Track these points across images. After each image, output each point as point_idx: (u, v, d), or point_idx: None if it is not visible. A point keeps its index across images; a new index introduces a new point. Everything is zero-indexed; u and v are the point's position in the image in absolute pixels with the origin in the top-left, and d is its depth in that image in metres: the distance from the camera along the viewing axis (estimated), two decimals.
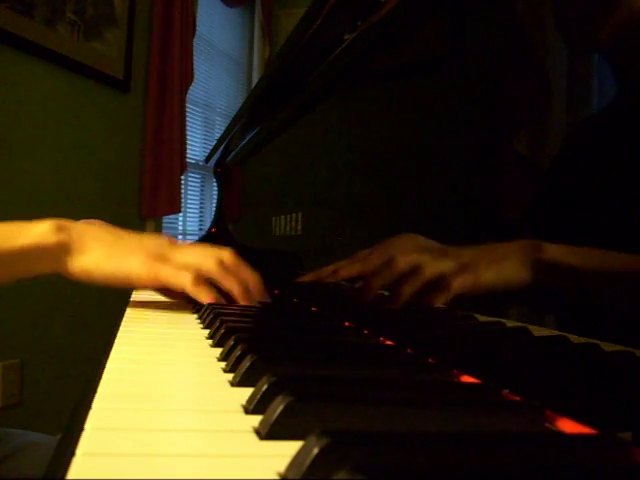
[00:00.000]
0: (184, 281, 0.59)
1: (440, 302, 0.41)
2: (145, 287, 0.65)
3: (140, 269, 0.58)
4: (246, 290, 0.64)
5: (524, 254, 0.33)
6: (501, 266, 0.35)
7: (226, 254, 0.64)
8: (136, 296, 0.83)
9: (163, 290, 0.68)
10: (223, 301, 0.62)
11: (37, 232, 0.57)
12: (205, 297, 0.60)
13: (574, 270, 0.31)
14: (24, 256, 0.57)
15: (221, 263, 0.62)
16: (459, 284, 0.38)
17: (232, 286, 0.63)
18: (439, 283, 0.40)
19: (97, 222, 0.75)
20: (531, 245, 0.33)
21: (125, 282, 0.59)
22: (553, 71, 0.39)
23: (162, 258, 0.61)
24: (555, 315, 0.36)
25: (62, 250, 0.58)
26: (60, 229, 0.58)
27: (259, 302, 0.66)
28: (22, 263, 0.58)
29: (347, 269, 0.60)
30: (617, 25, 0.33)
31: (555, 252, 0.32)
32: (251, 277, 0.66)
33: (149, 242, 0.62)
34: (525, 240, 0.34)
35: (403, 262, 0.45)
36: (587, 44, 0.36)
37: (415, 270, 0.43)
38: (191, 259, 0.62)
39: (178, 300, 0.70)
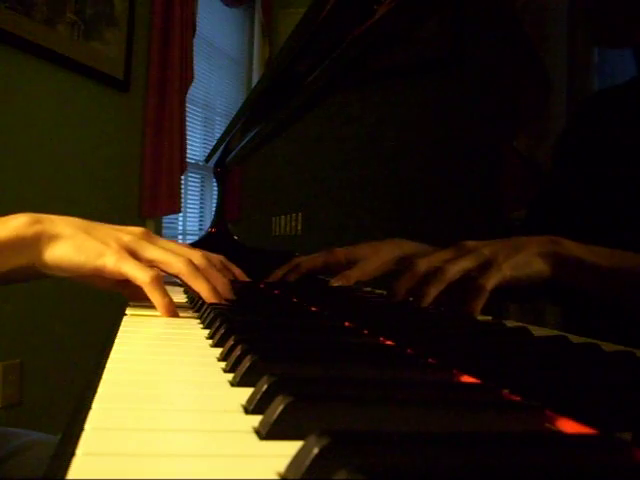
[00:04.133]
0: (144, 278, 0.58)
1: (478, 306, 0.38)
2: (110, 285, 0.65)
3: (107, 260, 0.58)
4: (214, 291, 0.64)
5: (544, 248, 0.33)
6: (522, 260, 0.34)
7: (196, 255, 0.65)
8: None
9: (127, 289, 0.67)
10: (173, 308, 0.61)
11: (14, 225, 0.58)
12: (157, 300, 0.59)
13: (592, 267, 0.30)
14: (1, 249, 0.57)
15: (190, 263, 0.62)
16: (491, 283, 0.36)
17: (200, 287, 0.63)
18: (469, 285, 0.38)
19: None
20: (550, 240, 0.33)
21: (93, 273, 0.59)
22: (553, 71, 0.39)
23: (132, 251, 0.60)
24: (555, 315, 0.36)
25: (37, 241, 0.58)
26: (36, 221, 0.59)
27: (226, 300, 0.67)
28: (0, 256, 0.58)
29: (347, 275, 0.59)
30: None
31: (574, 248, 0.31)
32: (219, 278, 0.66)
33: (122, 234, 0.62)
34: (544, 236, 0.34)
35: (423, 263, 0.43)
36: (615, 40, 0.35)
37: (438, 270, 0.41)
38: (160, 257, 0.62)
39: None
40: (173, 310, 0.61)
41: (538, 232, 0.36)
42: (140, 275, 0.58)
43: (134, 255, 0.60)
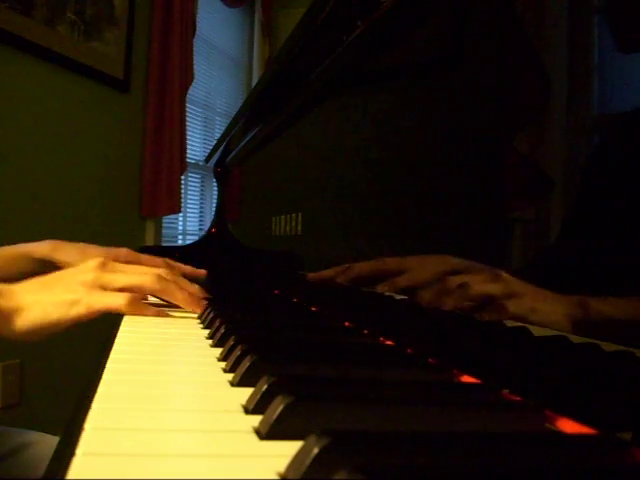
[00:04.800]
0: (120, 305, 0.59)
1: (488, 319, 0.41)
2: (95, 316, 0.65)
3: (79, 308, 0.58)
4: (191, 297, 0.66)
5: (570, 310, 0.34)
6: (547, 310, 0.35)
7: (161, 270, 0.66)
8: None
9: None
10: (162, 311, 0.64)
11: None
12: (143, 315, 0.61)
13: (617, 324, 0.31)
14: None
15: (159, 278, 0.63)
16: (509, 312, 0.38)
17: (177, 298, 0.65)
18: (491, 305, 0.40)
19: (91, 247, 0.78)
20: (579, 303, 0.33)
21: (72, 324, 0.59)
22: (553, 71, 0.39)
23: (99, 286, 0.61)
24: None
25: (1, 316, 0.57)
26: None
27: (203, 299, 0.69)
28: None
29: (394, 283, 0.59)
30: None
31: (601, 308, 0.32)
32: (189, 285, 0.69)
33: (82, 276, 0.61)
34: (574, 295, 0.34)
35: (453, 279, 0.44)
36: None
37: (464, 285, 0.43)
38: (129, 282, 0.62)
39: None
40: (163, 313, 0.64)
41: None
42: (115, 304, 0.59)
43: (101, 288, 0.60)
